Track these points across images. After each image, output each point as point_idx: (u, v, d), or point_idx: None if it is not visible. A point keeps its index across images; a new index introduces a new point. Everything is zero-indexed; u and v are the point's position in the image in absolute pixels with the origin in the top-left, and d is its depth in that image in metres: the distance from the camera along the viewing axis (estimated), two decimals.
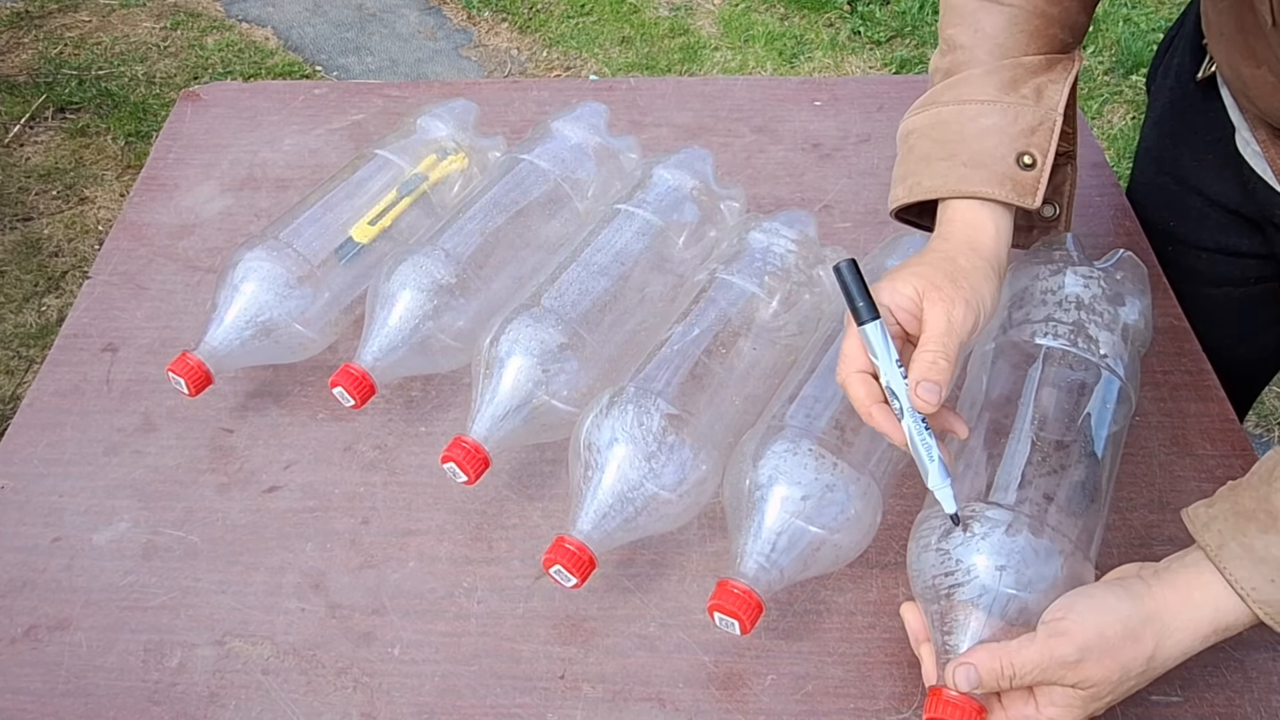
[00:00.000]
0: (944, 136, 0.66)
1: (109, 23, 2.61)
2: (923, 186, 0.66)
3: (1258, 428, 1.76)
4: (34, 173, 2.19)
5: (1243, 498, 0.57)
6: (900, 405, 0.57)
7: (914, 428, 0.57)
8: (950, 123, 0.66)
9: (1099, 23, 2.49)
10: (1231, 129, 0.78)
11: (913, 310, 0.59)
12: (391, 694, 0.64)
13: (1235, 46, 0.69)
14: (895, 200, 0.69)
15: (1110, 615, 0.54)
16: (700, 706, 0.63)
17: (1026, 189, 0.64)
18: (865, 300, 0.57)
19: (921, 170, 0.66)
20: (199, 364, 0.73)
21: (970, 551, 0.57)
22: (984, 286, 0.61)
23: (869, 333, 0.57)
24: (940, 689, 0.56)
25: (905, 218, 0.71)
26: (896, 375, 0.57)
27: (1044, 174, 0.64)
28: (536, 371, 0.69)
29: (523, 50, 2.58)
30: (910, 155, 0.68)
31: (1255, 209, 0.79)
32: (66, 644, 0.67)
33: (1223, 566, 0.55)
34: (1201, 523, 0.57)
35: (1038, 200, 0.64)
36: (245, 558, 0.71)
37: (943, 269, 0.60)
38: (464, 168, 0.88)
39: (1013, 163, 0.64)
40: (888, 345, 0.57)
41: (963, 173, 0.64)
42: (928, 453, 0.57)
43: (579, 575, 0.61)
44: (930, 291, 0.58)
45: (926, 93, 0.70)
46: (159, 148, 1.03)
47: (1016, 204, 0.64)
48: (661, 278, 0.78)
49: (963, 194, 0.64)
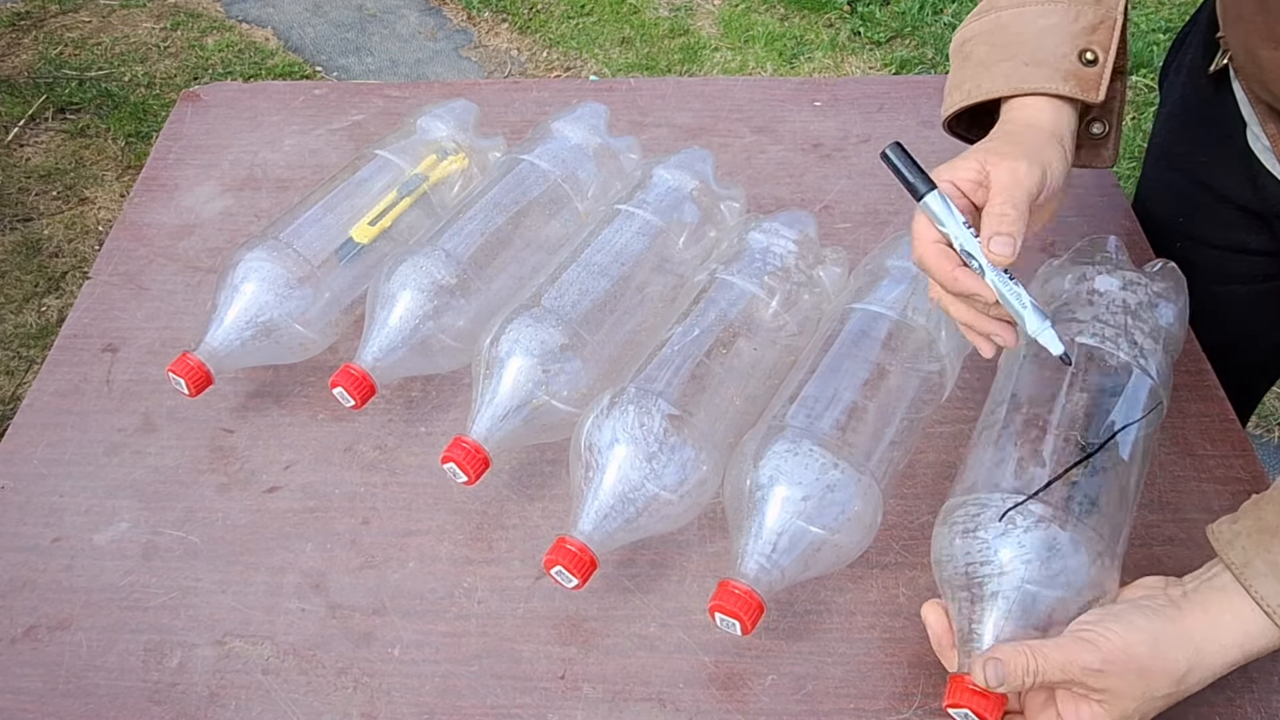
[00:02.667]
0: (1003, 40, 0.65)
1: (109, 23, 2.61)
2: (982, 89, 0.65)
3: (1258, 428, 1.76)
4: (34, 173, 2.19)
5: (1266, 513, 0.56)
6: (979, 263, 0.57)
7: (998, 281, 0.57)
8: (1010, 25, 0.65)
9: None
10: (1243, 125, 0.78)
11: (978, 179, 0.59)
12: (392, 694, 0.64)
13: (1254, 29, 0.69)
14: (951, 106, 0.67)
15: (1139, 634, 0.54)
16: (700, 707, 0.63)
17: (1090, 84, 0.63)
18: (918, 174, 0.57)
19: (980, 74, 0.65)
20: (199, 364, 0.73)
21: (1010, 543, 0.57)
22: (1047, 149, 0.60)
23: (929, 203, 0.57)
24: (962, 677, 0.56)
25: (957, 131, 0.70)
26: (968, 235, 0.57)
27: (1106, 69, 0.64)
28: (537, 372, 0.69)
29: (523, 51, 2.58)
30: (967, 63, 0.67)
31: (1265, 205, 0.79)
32: (67, 644, 0.67)
33: (1248, 584, 0.54)
34: (1226, 540, 0.57)
35: (1101, 94, 0.64)
36: (245, 558, 0.71)
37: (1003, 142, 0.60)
38: (464, 168, 0.88)
39: (1075, 59, 0.63)
40: (951, 210, 0.57)
41: (1024, 71, 0.63)
42: (1019, 301, 0.57)
43: (580, 576, 0.61)
44: (991, 157, 0.58)
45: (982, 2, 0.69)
46: (159, 148, 1.03)
47: (1080, 98, 0.63)
48: (662, 278, 0.78)
49: (1024, 91, 0.63)
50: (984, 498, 0.59)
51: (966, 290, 0.57)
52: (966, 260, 0.57)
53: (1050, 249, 0.90)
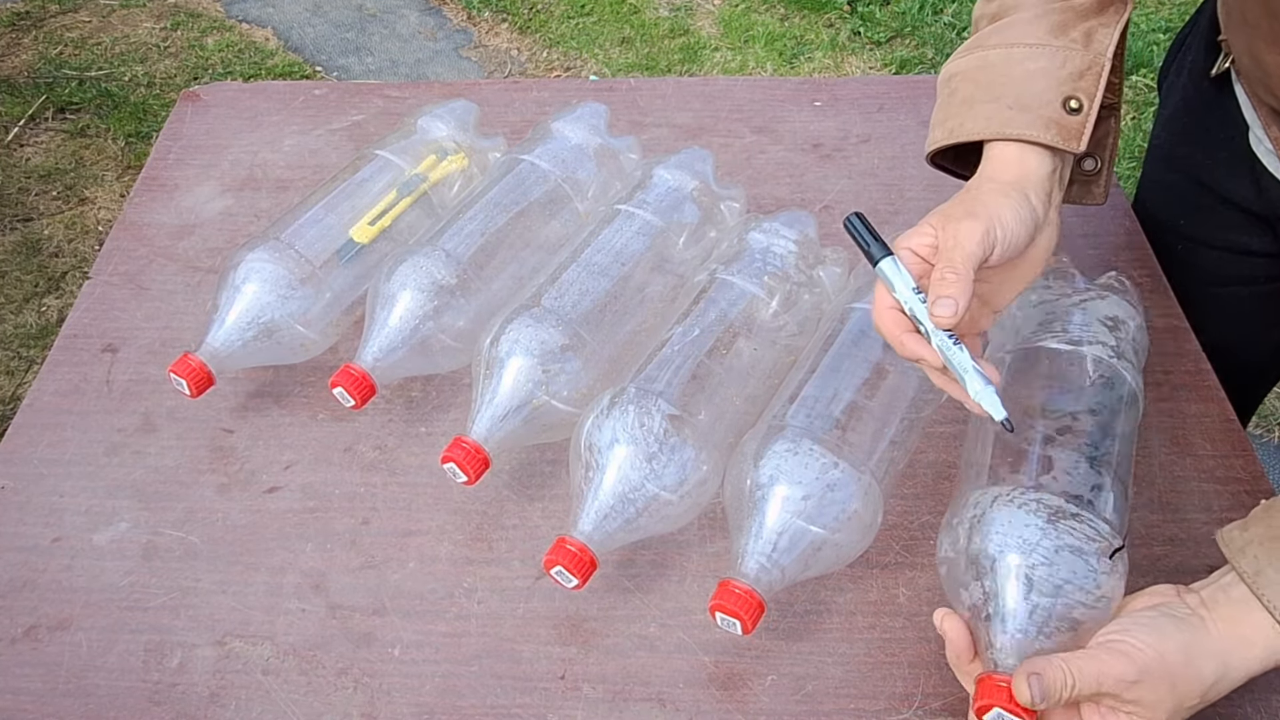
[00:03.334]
0: (989, 79, 0.65)
1: (109, 23, 2.61)
2: (964, 129, 0.65)
3: (1258, 428, 1.76)
4: (34, 173, 2.19)
5: (1277, 520, 0.56)
6: (925, 328, 0.57)
7: (943, 345, 0.57)
8: (996, 65, 0.65)
9: None
10: (1245, 127, 0.78)
11: (933, 244, 0.59)
12: (392, 694, 0.64)
13: (1259, 32, 0.69)
14: (933, 142, 0.68)
15: (1171, 643, 0.54)
16: (700, 707, 0.63)
17: (1071, 133, 0.63)
18: (875, 241, 0.59)
19: (964, 113, 0.65)
20: (200, 365, 0.73)
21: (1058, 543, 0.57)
22: (997, 202, 0.60)
23: (883, 269, 0.58)
24: (988, 675, 0.55)
25: (941, 164, 0.70)
26: (915, 300, 0.58)
27: (1090, 119, 0.63)
28: (537, 372, 0.69)
29: (523, 51, 2.58)
30: (952, 99, 0.67)
31: (1267, 207, 0.79)
32: (67, 644, 0.67)
33: (1260, 593, 0.55)
34: (1237, 547, 0.57)
35: (1082, 145, 0.63)
36: (245, 558, 0.71)
37: (959, 202, 0.60)
38: (464, 168, 0.88)
39: (1059, 106, 0.63)
40: (902, 275, 0.58)
41: (1007, 115, 0.63)
42: (961, 365, 0.57)
43: (580, 576, 0.61)
44: (947, 221, 0.59)
45: (971, 37, 0.69)
46: (159, 148, 1.03)
47: (1061, 148, 0.63)
48: (662, 278, 0.78)
49: (1005, 136, 0.63)
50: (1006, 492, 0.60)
51: (913, 355, 0.58)
52: (917, 325, 0.58)
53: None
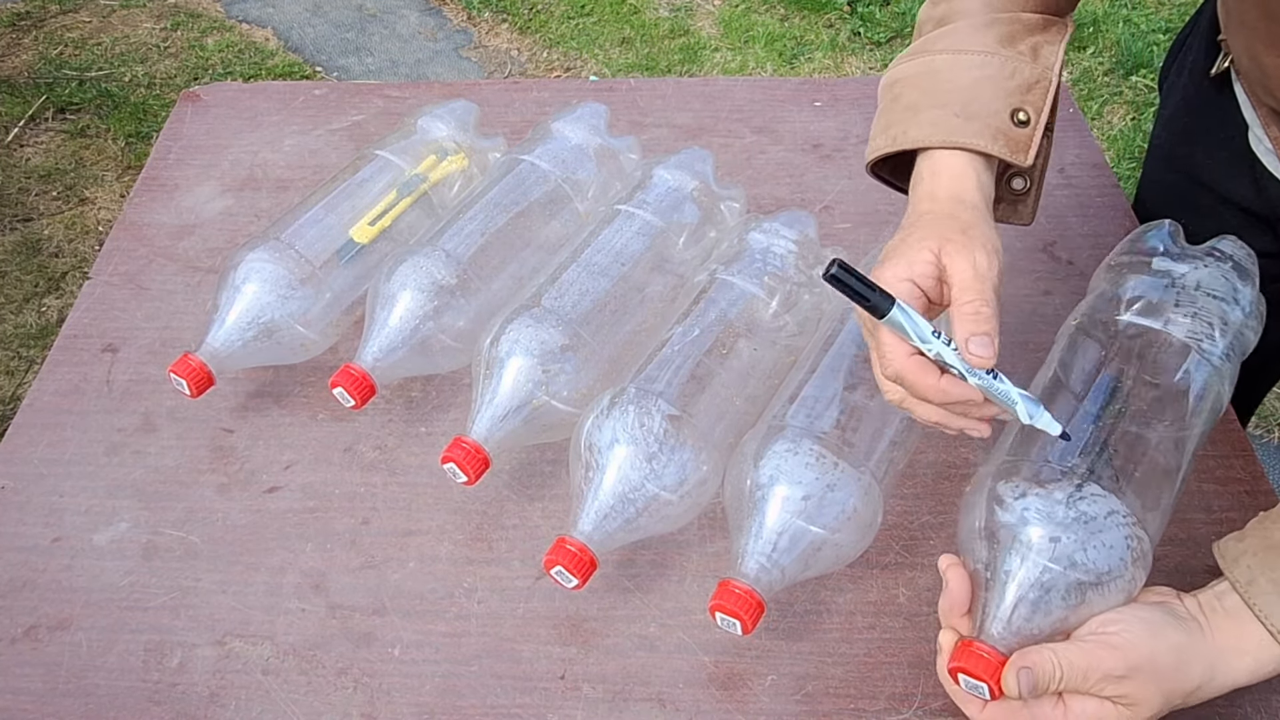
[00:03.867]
0: (935, 86, 0.63)
1: (109, 23, 2.61)
2: (909, 135, 0.62)
3: (1257, 428, 1.76)
4: (34, 173, 2.19)
5: (1272, 531, 0.56)
6: (958, 369, 0.54)
7: (983, 383, 0.54)
8: (942, 71, 0.63)
9: (1099, 23, 2.49)
10: (1244, 126, 0.78)
11: (934, 274, 0.56)
12: (392, 694, 0.64)
13: (1258, 35, 0.68)
14: (875, 150, 0.65)
15: (1165, 643, 0.54)
16: (700, 707, 0.63)
17: (1020, 145, 0.61)
18: (876, 291, 0.53)
19: (908, 119, 0.63)
20: (201, 365, 0.73)
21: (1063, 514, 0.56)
22: (992, 232, 0.58)
23: (896, 318, 0.53)
24: (970, 642, 0.55)
25: (879, 174, 0.68)
26: (942, 345, 0.54)
27: (1037, 132, 0.62)
28: (537, 372, 0.69)
29: (523, 51, 2.58)
30: (895, 105, 0.64)
31: (1267, 207, 0.79)
32: (66, 644, 0.67)
33: (1252, 602, 0.55)
34: (1232, 557, 0.57)
35: (1029, 159, 0.62)
36: (245, 558, 0.71)
37: (948, 225, 0.57)
38: (464, 168, 0.88)
39: (1007, 118, 0.61)
40: (914, 320, 0.54)
41: (955, 123, 0.61)
42: (1007, 397, 0.54)
43: (580, 576, 0.61)
44: (946, 246, 0.56)
45: (916, 42, 0.67)
46: (159, 148, 1.03)
47: (1008, 160, 0.61)
48: (662, 278, 0.78)
49: (953, 145, 0.61)
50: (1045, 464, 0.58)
51: (957, 399, 0.54)
52: (945, 368, 0.54)
53: (1051, 249, 0.90)
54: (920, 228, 0.58)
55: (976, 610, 0.57)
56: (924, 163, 0.63)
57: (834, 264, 0.53)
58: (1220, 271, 0.68)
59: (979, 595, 0.57)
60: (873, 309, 0.53)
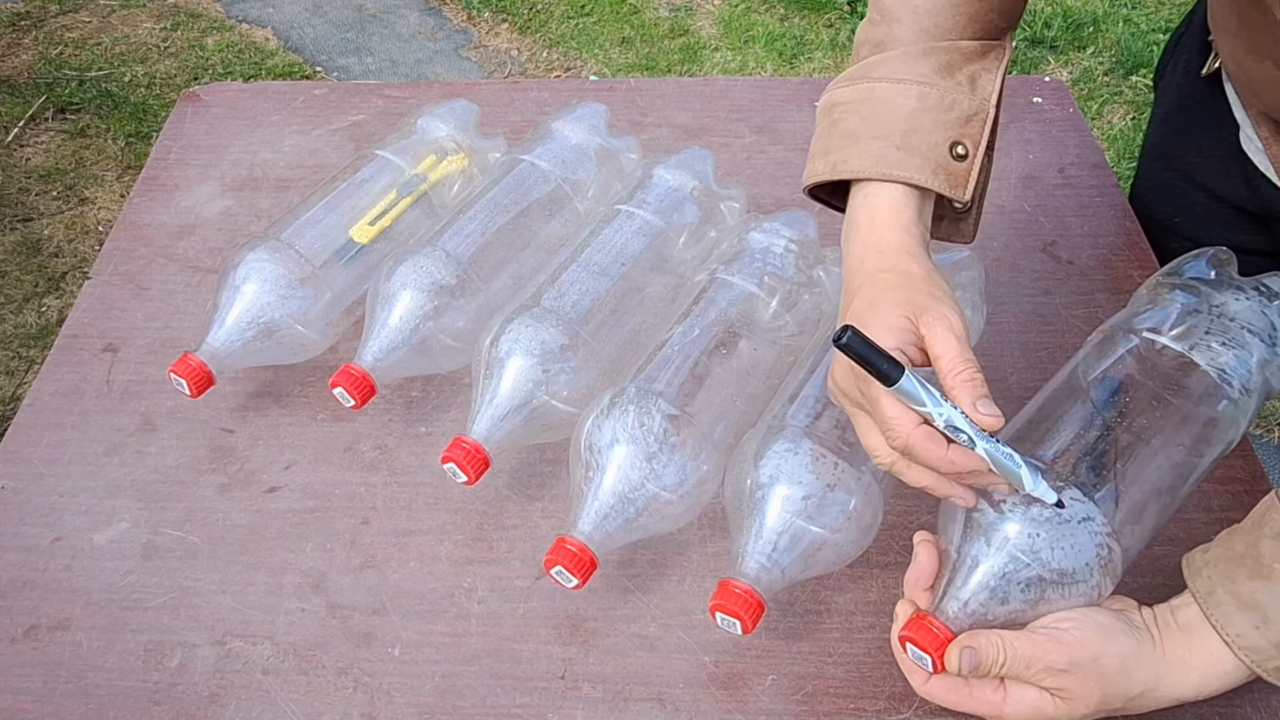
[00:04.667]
0: (875, 114, 0.63)
1: (109, 23, 2.61)
2: (849, 165, 0.63)
3: (1258, 428, 1.76)
4: (34, 173, 2.19)
5: (1236, 543, 0.57)
6: (967, 435, 0.53)
7: (990, 449, 0.53)
8: (882, 100, 0.63)
9: (1099, 23, 2.49)
10: (1236, 126, 0.78)
11: (913, 340, 0.56)
12: (392, 694, 0.64)
13: (1239, 41, 0.69)
14: (814, 175, 0.65)
15: (1113, 647, 0.55)
16: (700, 706, 0.63)
17: (958, 180, 0.62)
18: (886, 359, 0.52)
19: (848, 147, 0.63)
20: (201, 365, 0.73)
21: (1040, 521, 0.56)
22: (944, 282, 0.59)
23: (905, 387, 0.52)
24: (924, 615, 0.57)
25: (816, 195, 0.69)
26: (953, 412, 0.53)
27: (975, 166, 0.62)
28: (537, 372, 0.69)
29: (523, 51, 2.58)
30: (834, 129, 0.65)
31: (1260, 205, 0.80)
32: (67, 644, 0.67)
33: (1209, 612, 0.56)
34: (1195, 568, 0.58)
35: (968, 194, 0.62)
36: (245, 558, 0.71)
37: (911, 289, 0.57)
38: (464, 168, 0.88)
39: (946, 151, 0.62)
40: (923, 387, 0.52)
41: (895, 156, 0.61)
42: (1012, 463, 0.54)
43: (580, 576, 0.61)
44: (922, 315, 0.56)
45: (855, 65, 0.67)
46: (159, 148, 1.03)
47: (948, 195, 0.62)
48: (662, 278, 0.78)
49: (891, 178, 0.61)
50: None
51: (965, 469, 0.54)
52: (952, 434, 0.53)
53: (1051, 249, 0.90)
54: (883, 288, 0.58)
55: (938, 587, 0.58)
56: (859, 197, 0.63)
57: (846, 331, 0.52)
58: (1260, 307, 0.67)
59: (944, 573, 0.58)
60: (883, 377, 0.52)
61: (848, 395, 0.57)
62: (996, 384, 0.79)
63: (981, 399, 0.53)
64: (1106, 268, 0.89)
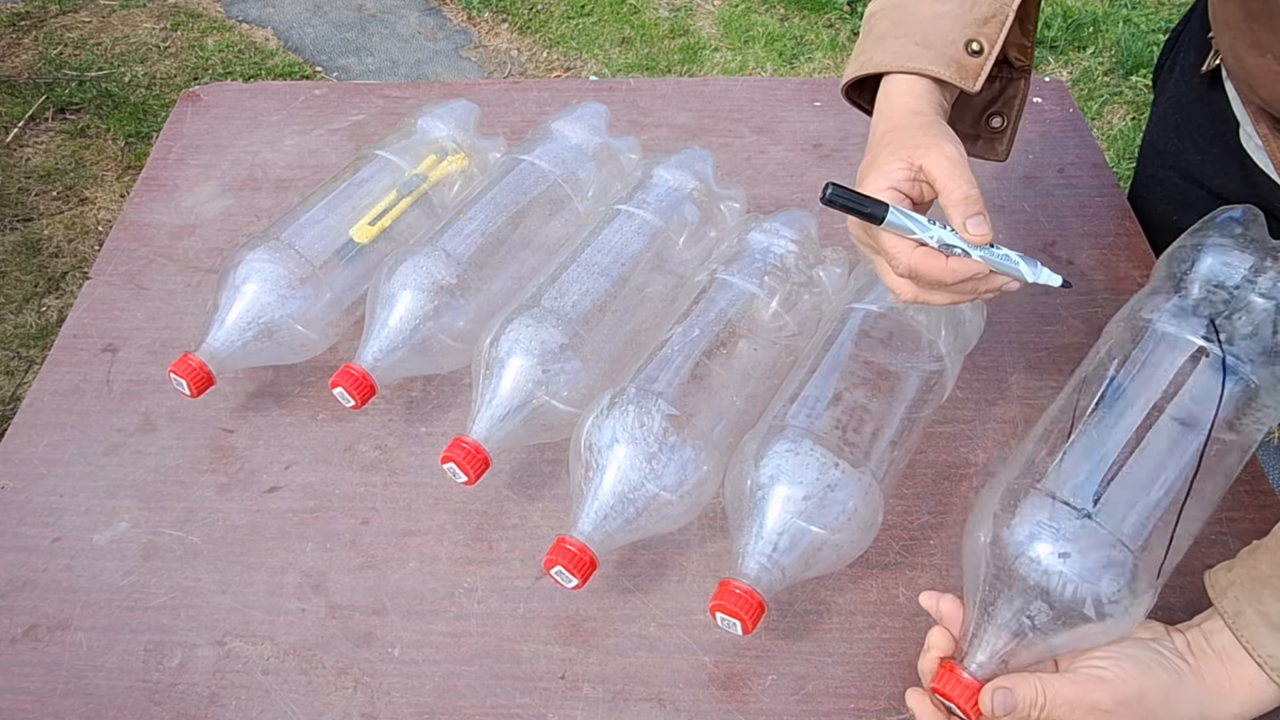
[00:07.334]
0: (901, 18, 0.68)
1: (109, 23, 2.61)
2: (874, 61, 0.68)
3: None
4: (34, 173, 2.19)
5: (1260, 562, 0.57)
6: (960, 249, 0.59)
7: (985, 254, 0.60)
8: (909, 5, 0.69)
9: (1099, 23, 2.49)
10: (1236, 123, 0.78)
11: (910, 176, 0.61)
12: (392, 694, 0.64)
13: (1240, 35, 0.69)
14: (847, 75, 0.71)
15: (1155, 682, 0.54)
16: (700, 707, 0.63)
17: (969, 73, 0.66)
18: (867, 201, 0.59)
19: (875, 48, 0.69)
20: (201, 365, 0.73)
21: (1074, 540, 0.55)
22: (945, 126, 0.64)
23: (895, 219, 0.59)
24: (954, 665, 0.56)
25: (856, 101, 0.74)
26: (942, 232, 0.59)
27: (988, 62, 0.67)
28: (537, 372, 0.69)
29: (523, 51, 2.58)
30: (868, 35, 0.70)
31: (1258, 202, 0.80)
32: (66, 644, 0.67)
33: (1240, 634, 0.55)
34: (1220, 588, 0.57)
35: (978, 85, 0.67)
36: (245, 558, 0.71)
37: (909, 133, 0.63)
38: (464, 168, 0.88)
39: (961, 47, 0.66)
40: (915, 215, 0.59)
41: (912, 50, 0.66)
42: (1009, 261, 0.60)
43: (580, 576, 0.61)
44: (915, 151, 0.61)
45: None
46: (159, 148, 1.03)
47: (958, 85, 0.66)
48: (662, 278, 0.78)
49: (908, 70, 0.66)
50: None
51: (966, 274, 0.59)
52: (946, 252, 0.60)
53: (1051, 249, 0.90)
54: (885, 144, 0.63)
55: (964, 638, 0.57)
56: (883, 88, 0.68)
57: (829, 187, 0.59)
58: None
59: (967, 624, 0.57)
60: (870, 217, 0.59)
61: (863, 243, 0.64)
62: (996, 384, 0.80)
63: (971, 217, 0.59)
64: (1106, 268, 0.89)
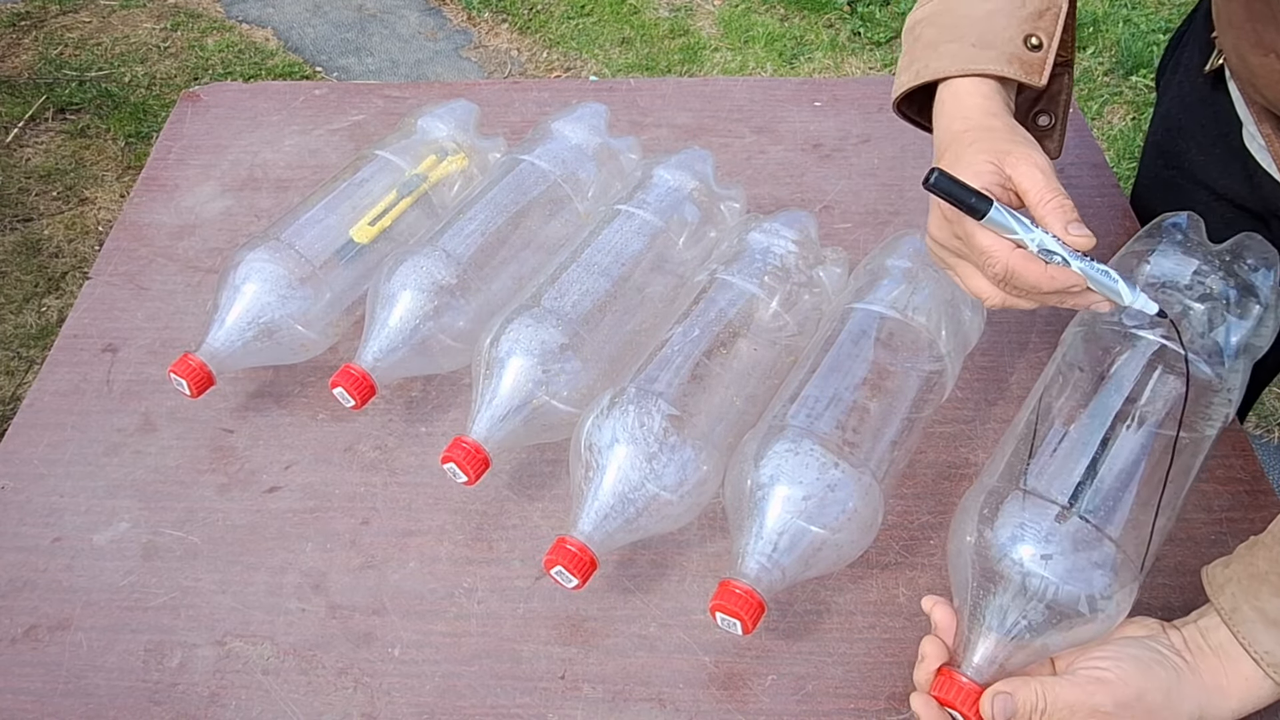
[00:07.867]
0: (951, 22, 0.66)
1: (109, 24, 2.61)
2: (930, 69, 0.66)
3: (1258, 428, 1.76)
4: (34, 173, 2.19)
5: (1257, 559, 0.57)
6: (1062, 257, 0.56)
7: (1085, 267, 0.57)
8: (957, 9, 0.67)
9: (1099, 23, 2.49)
10: (1239, 124, 0.78)
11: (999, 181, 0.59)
12: (392, 694, 0.64)
13: (1244, 34, 0.69)
14: (900, 86, 0.68)
15: (1155, 682, 0.54)
16: (700, 707, 0.63)
17: (1034, 68, 0.65)
18: (974, 194, 0.56)
19: (929, 55, 0.66)
20: (201, 365, 0.73)
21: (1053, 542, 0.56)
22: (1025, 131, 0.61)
23: (996, 218, 0.56)
24: (952, 671, 0.56)
25: (905, 114, 0.72)
26: (1044, 236, 0.57)
27: (1050, 55, 0.65)
28: (537, 372, 0.69)
29: (523, 51, 2.58)
30: (916, 44, 0.68)
31: (1262, 203, 0.80)
32: (67, 644, 0.67)
33: (1236, 630, 0.55)
34: (1218, 584, 0.57)
35: (1044, 79, 0.65)
36: (245, 558, 0.71)
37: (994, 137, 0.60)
38: (464, 168, 0.88)
39: (1020, 43, 0.65)
40: (1015, 217, 0.57)
41: (971, 53, 0.65)
42: (1109, 278, 0.57)
43: (580, 576, 0.61)
44: (1004, 157, 0.59)
45: None
46: (159, 148, 1.03)
47: (1023, 80, 0.65)
48: (662, 278, 0.78)
49: (971, 72, 0.64)
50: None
51: (1063, 285, 0.57)
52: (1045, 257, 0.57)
53: None
54: (968, 143, 0.61)
55: (959, 643, 0.57)
56: (946, 91, 0.66)
57: (934, 172, 0.56)
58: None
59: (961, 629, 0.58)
60: (972, 210, 0.56)
61: (945, 245, 0.61)
62: (996, 384, 0.80)
63: (1073, 222, 0.56)
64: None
